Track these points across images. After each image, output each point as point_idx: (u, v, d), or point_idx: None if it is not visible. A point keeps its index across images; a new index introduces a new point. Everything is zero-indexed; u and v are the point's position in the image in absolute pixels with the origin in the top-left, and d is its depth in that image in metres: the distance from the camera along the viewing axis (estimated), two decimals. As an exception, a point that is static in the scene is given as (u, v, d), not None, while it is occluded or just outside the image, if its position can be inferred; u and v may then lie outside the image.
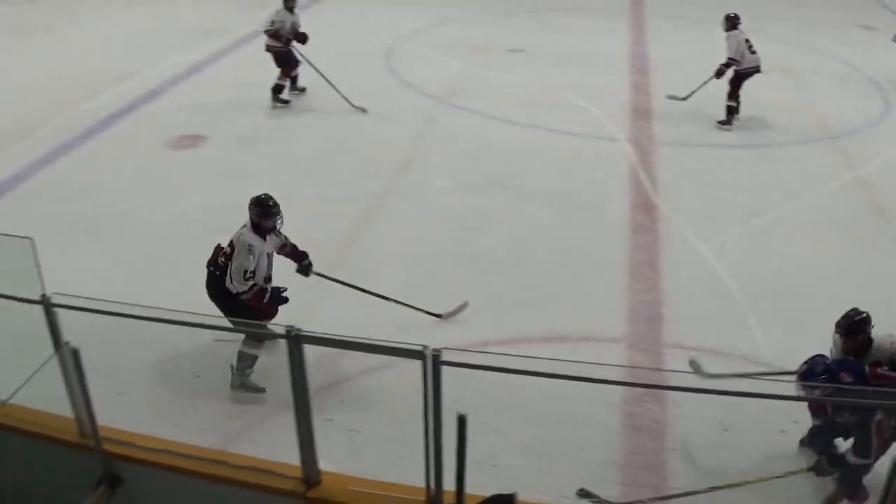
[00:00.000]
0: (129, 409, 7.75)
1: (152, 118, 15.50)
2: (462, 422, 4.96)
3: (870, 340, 6.70)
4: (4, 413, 6.24)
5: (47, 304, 5.89)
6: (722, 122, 14.82)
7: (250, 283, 7.97)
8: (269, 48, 15.63)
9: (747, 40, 14.58)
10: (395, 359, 5.30)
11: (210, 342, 8.59)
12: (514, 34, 20.56)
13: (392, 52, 18.90)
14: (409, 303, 9.21)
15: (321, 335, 5.29)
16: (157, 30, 21.10)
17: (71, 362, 5.94)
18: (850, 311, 6.80)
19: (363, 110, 15.43)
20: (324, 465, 5.98)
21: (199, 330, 6.11)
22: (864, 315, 6.73)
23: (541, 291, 10.04)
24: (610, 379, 6.21)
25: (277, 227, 8.34)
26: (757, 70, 14.67)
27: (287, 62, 15.66)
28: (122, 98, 16.42)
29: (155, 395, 8.12)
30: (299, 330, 5.26)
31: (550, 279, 10.32)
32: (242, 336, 8.06)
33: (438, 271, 10.37)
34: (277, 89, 15.77)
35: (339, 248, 10.80)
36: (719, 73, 14.76)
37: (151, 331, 5.86)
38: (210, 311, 7.78)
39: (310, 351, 5.34)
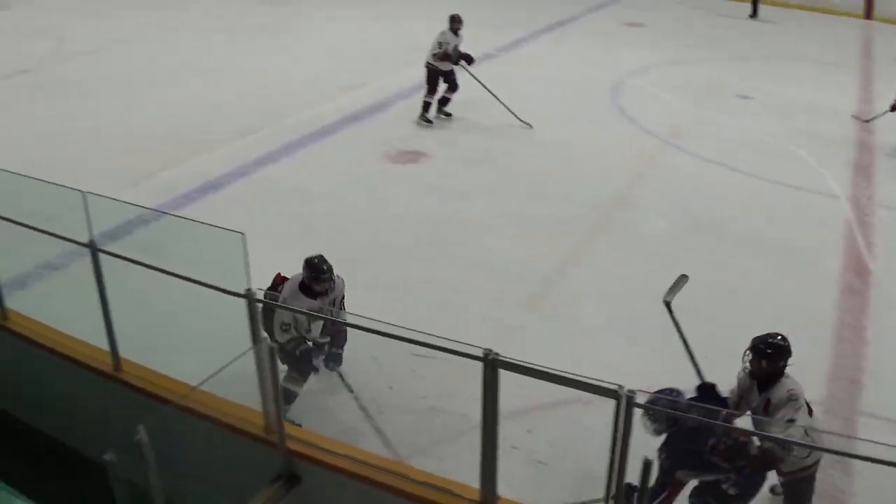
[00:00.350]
0: (318, 412, 7.92)
1: (376, 130, 15.88)
2: (647, 466, 4.84)
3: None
4: (195, 398, 6.44)
5: (250, 299, 6.07)
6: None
7: (287, 335, 7.72)
8: (430, 67, 16.06)
9: None
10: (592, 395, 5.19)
11: (408, 355, 8.67)
12: (745, 79, 20.02)
13: (620, 86, 18.76)
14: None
15: (518, 362, 5.23)
16: (391, 45, 21.74)
17: (267, 358, 6.11)
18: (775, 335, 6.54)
19: (529, 125, 15.76)
20: (503, 491, 5.94)
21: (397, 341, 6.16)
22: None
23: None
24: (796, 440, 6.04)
25: (328, 292, 7.93)
26: None
27: (437, 81, 16.12)
28: (349, 107, 16.95)
29: (344, 401, 8.21)
30: (497, 354, 5.25)
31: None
32: (444, 353, 8.05)
33: (641, 311, 10.15)
34: (426, 107, 16.20)
35: (545, 276, 10.74)
36: None
37: (357, 337, 5.91)
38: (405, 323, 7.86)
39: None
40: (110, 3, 28.54)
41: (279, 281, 8.08)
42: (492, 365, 5.24)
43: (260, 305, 6.24)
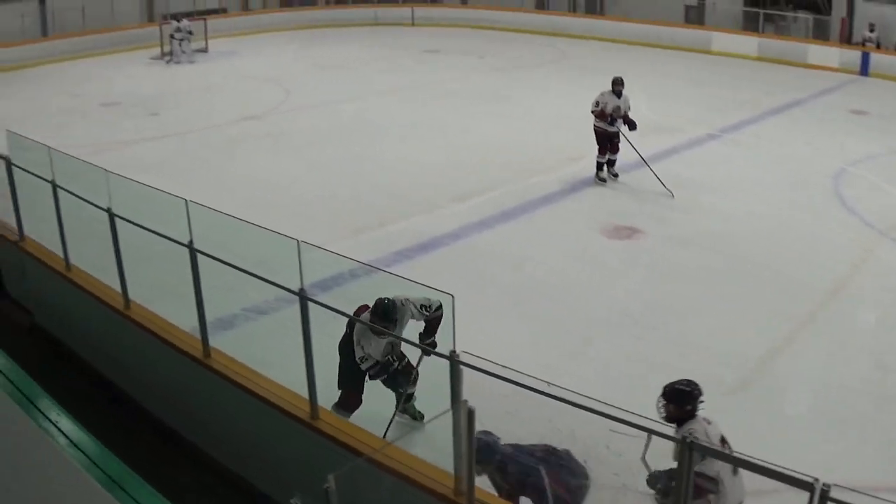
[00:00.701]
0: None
1: (594, 202, 15.84)
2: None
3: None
4: (388, 453, 6.43)
5: (453, 360, 6.04)
6: None
7: (365, 365, 8.00)
8: (596, 127, 16.50)
9: None
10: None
11: (606, 431, 8.48)
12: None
13: (841, 174, 18.05)
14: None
15: (713, 447, 5.06)
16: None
17: (464, 421, 6.04)
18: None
19: (671, 194, 15.74)
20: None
21: (597, 417, 6.01)
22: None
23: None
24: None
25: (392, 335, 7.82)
26: None
27: (606, 142, 16.44)
28: (568, 178, 16.97)
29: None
30: (694, 438, 5.14)
31: None
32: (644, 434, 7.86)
33: (845, 409, 9.66)
34: (599, 166, 16.66)
35: (755, 365, 10.34)
36: None
37: (553, 408, 5.83)
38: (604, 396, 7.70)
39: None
40: (337, 61, 29.73)
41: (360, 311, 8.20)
42: (689, 447, 5.08)
43: (462, 368, 6.20)
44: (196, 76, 28.33)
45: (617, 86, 16.30)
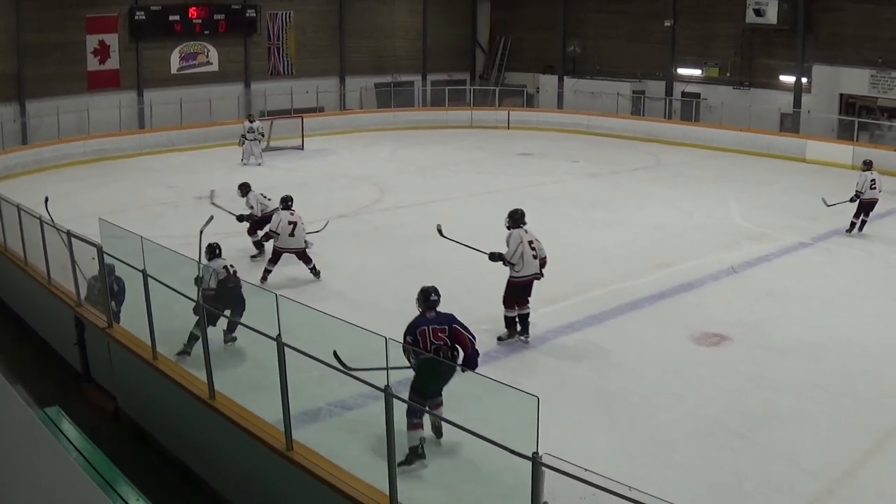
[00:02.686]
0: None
1: (683, 309, 15.65)
2: None
3: None
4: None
5: (535, 462, 6.01)
6: None
7: None
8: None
9: None
10: None
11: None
12: None
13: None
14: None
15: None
16: (704, 226, 21.63)
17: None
18: None
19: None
20: None
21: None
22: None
23: None
24: None
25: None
26: None
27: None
28: (659, 284, 16.87)
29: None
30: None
31: None
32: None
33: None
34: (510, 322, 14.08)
35: (839, 476, 10.05)
36: None
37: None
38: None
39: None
40: (432, 163, 30.15)
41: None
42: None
43: (544, 470, 6.15)
44: (289, 173, 28.92)
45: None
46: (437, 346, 9.92)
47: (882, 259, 19.33)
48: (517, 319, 13.91)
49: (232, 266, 13.16)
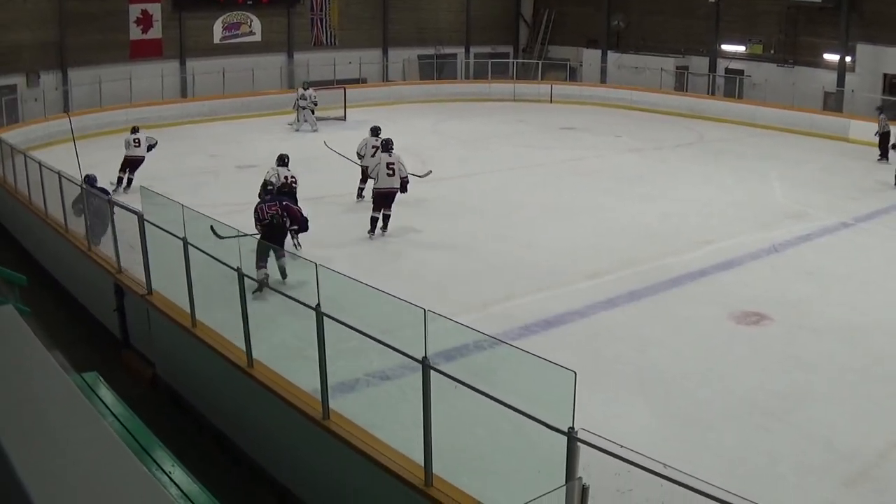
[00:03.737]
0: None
1: (722, 287, 15.54)
2: None
3: None
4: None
5: (570, 437, 6.00)
6: None
7: None
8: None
9: None
10: None
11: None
12: None
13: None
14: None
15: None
16: (745, 204, 21.47)
17: (578, 497, 5.99)
18: None
19: None
20: None
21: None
22: None
23: None
24: None
25: None
26: None
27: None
28: (699, 261, 16.78)
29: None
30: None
31: None
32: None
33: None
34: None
35: (874, 458, 9.98)
36: None
37: (668, 491, 5.72)
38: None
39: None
40: (475, 136, 30.10)
41: None
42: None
43: (580, 445, 6.14)
44: (331, 144, 28.95)
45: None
46: (271, 214, 14.20)
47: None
48: (379, 219, 17.82)
49: (294, 177, 16.79)
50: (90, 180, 15.13)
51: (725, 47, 39.49)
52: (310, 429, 8.64)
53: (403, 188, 18.13)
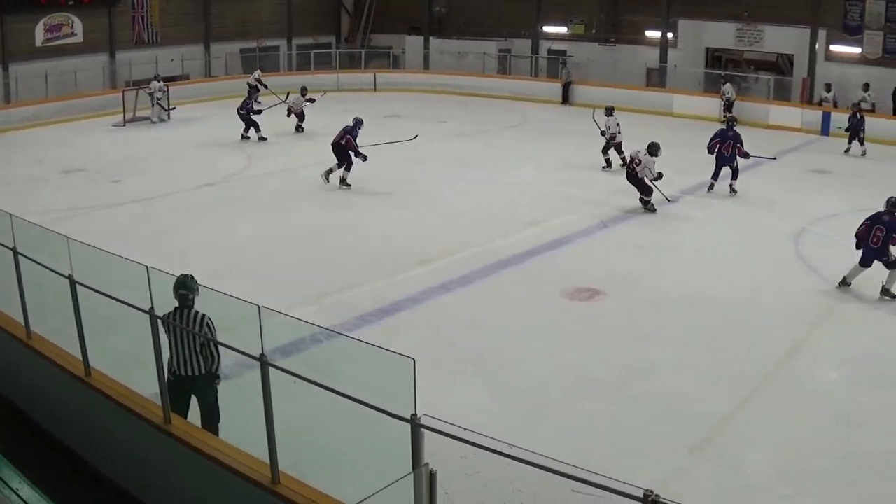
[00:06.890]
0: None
1: (554, 266, 15.91)
2: None
3: None
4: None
5: (414, 424, 6.05)
6: None
7: None
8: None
9: None
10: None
11: (568, 492, 8.44)
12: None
13: (802, 234, 18.19)
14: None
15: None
16: (574, 182, 22.13)
17: (426, 484, 6.04)
18: None
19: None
20: None
21: (563, 480, 5.96)
22: None
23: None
24: None
25: None
26: None
27: None
28: (530, 242, 17.10)
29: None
30: (657, 496, 5.01)
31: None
32: (603, 492, 7.81)
33: (810, 467, 9.63)
34: None
35: (717, 423, 10.35)
36: None
37: (515, 470, 5.82)
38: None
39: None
40: (305, 126, 29.86)
41: None
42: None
43: (423, 431, 6.19)
44: (156, 143, 28.33)
45: None
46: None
47: (753, 209, 19.86)
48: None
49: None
50: None
51: (547, 29, 40.27)
52: (152, 434, 8.47)
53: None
